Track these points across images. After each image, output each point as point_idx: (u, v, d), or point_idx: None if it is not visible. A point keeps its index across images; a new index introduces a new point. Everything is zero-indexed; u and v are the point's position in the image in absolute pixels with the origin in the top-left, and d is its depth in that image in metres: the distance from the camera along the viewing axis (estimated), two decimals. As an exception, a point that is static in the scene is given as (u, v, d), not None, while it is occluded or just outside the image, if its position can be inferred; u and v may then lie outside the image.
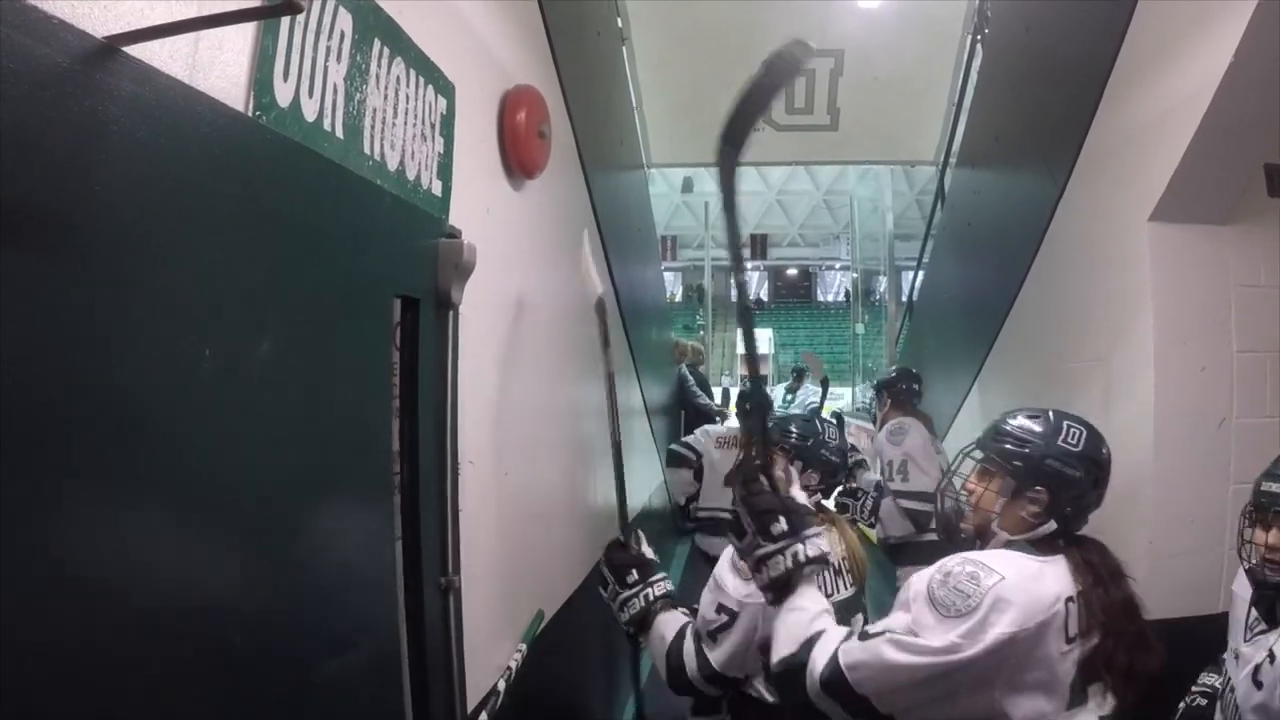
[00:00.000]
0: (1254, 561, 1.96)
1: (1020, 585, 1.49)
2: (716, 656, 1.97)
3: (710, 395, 8.34)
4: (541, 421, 2.71)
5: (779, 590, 1.62)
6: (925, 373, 6.33)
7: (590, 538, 3.38)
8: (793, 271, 33.23)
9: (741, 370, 26.11)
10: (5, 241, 0.74)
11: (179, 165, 0.96)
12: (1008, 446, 1.72)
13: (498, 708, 2.02)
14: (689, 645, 2.02)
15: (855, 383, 16.27)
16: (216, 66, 1.08)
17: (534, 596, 2.53)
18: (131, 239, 0.89)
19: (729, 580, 1.99)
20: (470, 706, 1.89)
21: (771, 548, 1.60)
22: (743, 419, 5.84)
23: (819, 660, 1.54)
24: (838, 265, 31.08)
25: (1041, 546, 1.64)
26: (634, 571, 2.17)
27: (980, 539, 1.73)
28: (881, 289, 20.23)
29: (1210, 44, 2.29)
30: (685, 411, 7.79)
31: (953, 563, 1.55)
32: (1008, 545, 1.66)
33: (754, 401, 2.05)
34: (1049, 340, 3.54)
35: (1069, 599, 1.54)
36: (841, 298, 30.54)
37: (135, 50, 0.89)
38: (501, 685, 2.07)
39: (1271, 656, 1.88)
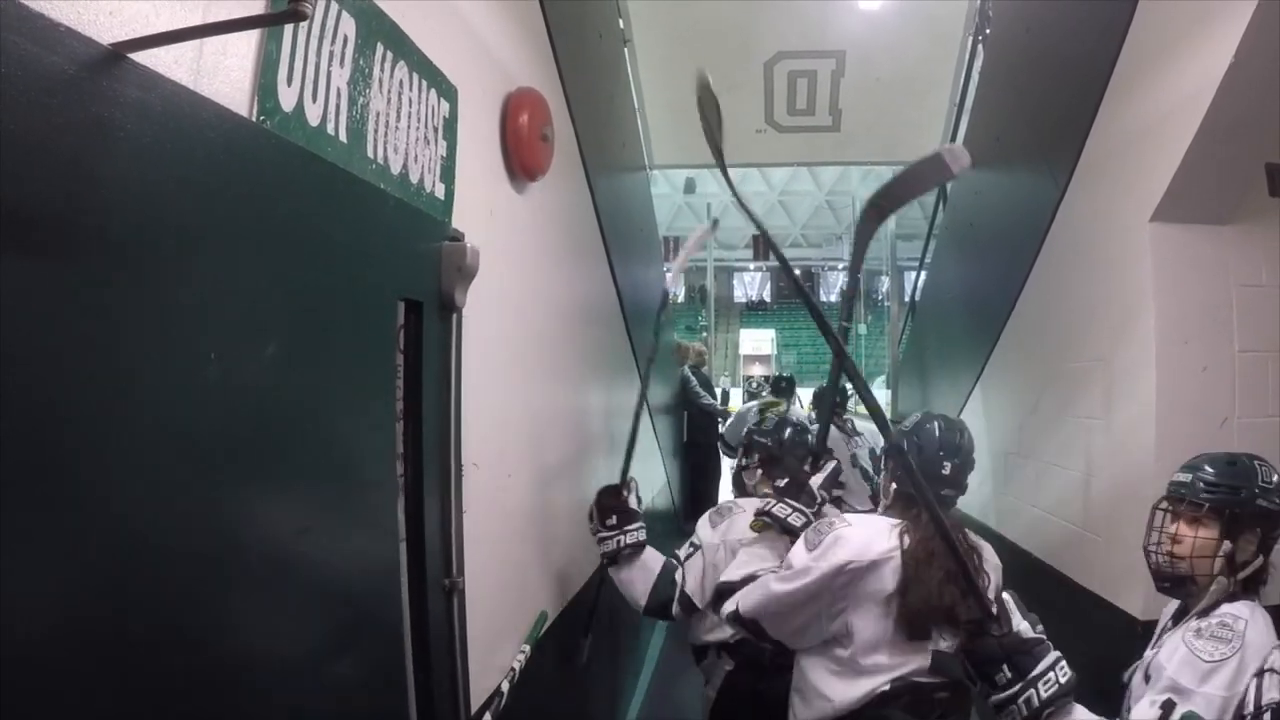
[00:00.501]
0: (1161, 553, 1.97)
1: (859, 534, 2.01)
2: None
3: (714, 395, 8.36)
4: (544, 423, 2.72)
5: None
6: (928, 373, 6.38)
7: (593, 540, 3.40)
8: (795, 272, 33.24)
9: (746, 372, 26.20)
10: (13, 247, 0.75)
11: (185, 171, 0.96)
12: None
13: (501, 708, 2.03)
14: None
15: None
16: (221, 72, 1.08)
17: (537, 598, 2.54)
18: (138, 244, 0.90)
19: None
20: (474, 707, 1.90)
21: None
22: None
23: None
24: (840, 266, 31.10)
25: (903, 513, 2.10)
26: (614, 516, 2.67)
27: None
28: (884, 289, 20.21)
29: (1210, 44, 2.29)
30: (688, 412, 7.81)
31: (823, 520, 2.16)
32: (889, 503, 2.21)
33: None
34: (1051, 340, 3.54)
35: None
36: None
37: (140, 56, 0.90)
38: (505, 686, 2.08)
39: (1158, 646, 1.94)
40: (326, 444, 1.31)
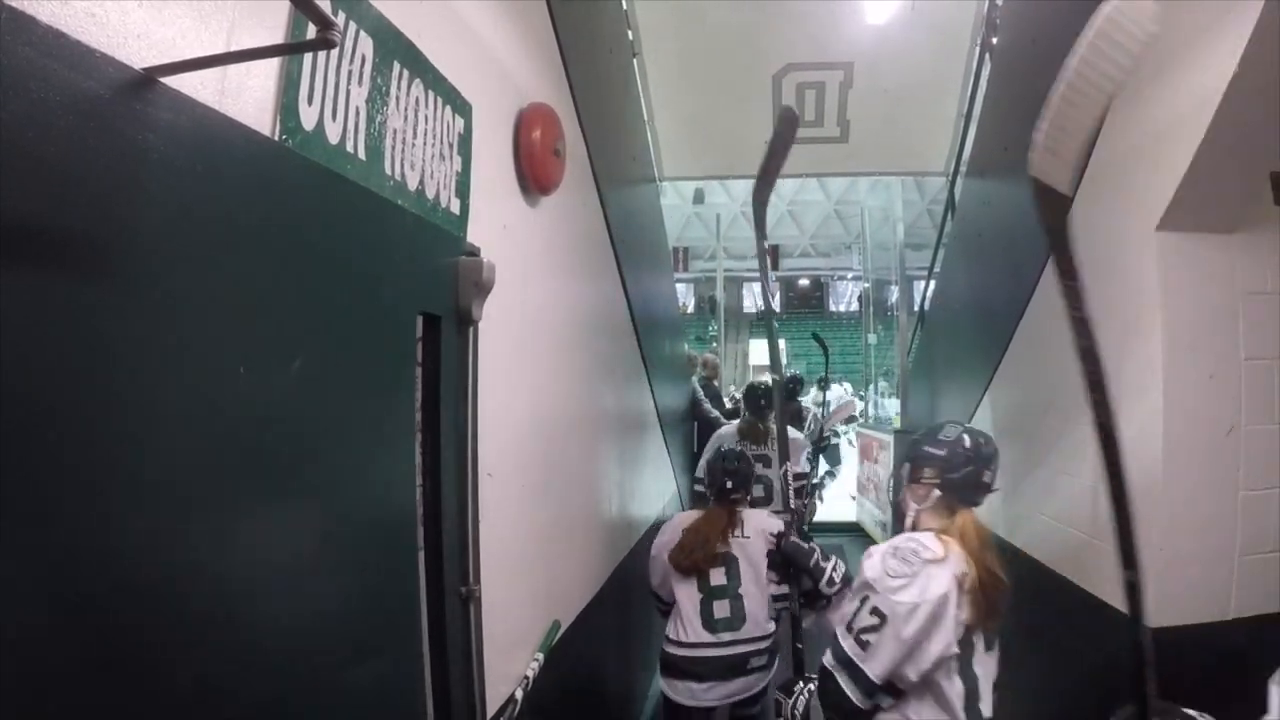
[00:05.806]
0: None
1: None
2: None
3: (722, 408, 8.35)
4: (558, 434, 2.74)
5: None
6: (938, 381, 6.37)
7: (606, 549, 3.41)
8: (804, 282, 33.24)
9: (751, 379, 26.19)
10: (57, 267, 0.78)
11: (214, 191, 0.99)
12: None
13: (515, 716, 2.05)
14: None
15: (868, 394, 16.20)
16: (245, 92, 1.11)
17: (550, 607, 2.55)
18: (170, 262, 0.93)
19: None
20: (489, 714, 1.92)
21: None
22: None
23: None
24: (849, 275, 31.09)
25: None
26: None
27: None
28: (893, 298, 20.17)
29: (1215, 54, 2.31)
30: (698, 424, 7.81)
31: None
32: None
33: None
34: (1059, 350, 3.52)
35: None
36: (854, 307, 30.57)
37: (168, 78, 0.93)
38: (519, 694, 2.10)
39: None
40: (347, 454, 1.34)
